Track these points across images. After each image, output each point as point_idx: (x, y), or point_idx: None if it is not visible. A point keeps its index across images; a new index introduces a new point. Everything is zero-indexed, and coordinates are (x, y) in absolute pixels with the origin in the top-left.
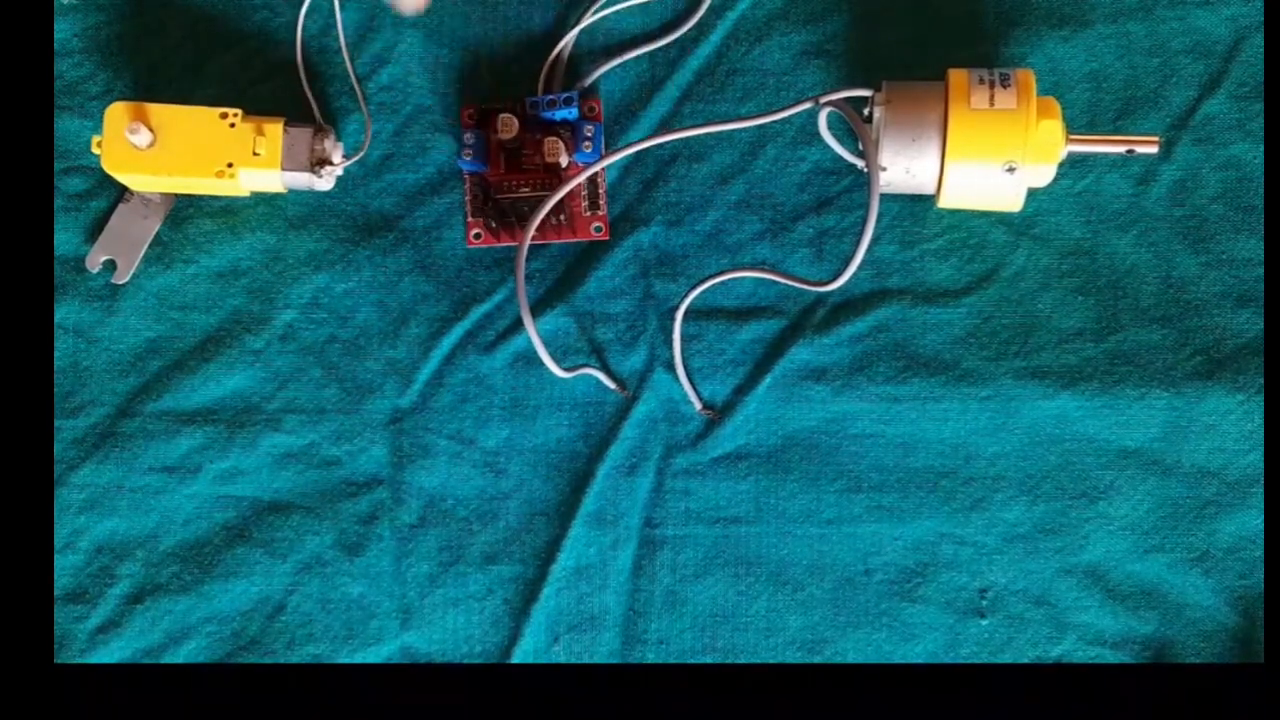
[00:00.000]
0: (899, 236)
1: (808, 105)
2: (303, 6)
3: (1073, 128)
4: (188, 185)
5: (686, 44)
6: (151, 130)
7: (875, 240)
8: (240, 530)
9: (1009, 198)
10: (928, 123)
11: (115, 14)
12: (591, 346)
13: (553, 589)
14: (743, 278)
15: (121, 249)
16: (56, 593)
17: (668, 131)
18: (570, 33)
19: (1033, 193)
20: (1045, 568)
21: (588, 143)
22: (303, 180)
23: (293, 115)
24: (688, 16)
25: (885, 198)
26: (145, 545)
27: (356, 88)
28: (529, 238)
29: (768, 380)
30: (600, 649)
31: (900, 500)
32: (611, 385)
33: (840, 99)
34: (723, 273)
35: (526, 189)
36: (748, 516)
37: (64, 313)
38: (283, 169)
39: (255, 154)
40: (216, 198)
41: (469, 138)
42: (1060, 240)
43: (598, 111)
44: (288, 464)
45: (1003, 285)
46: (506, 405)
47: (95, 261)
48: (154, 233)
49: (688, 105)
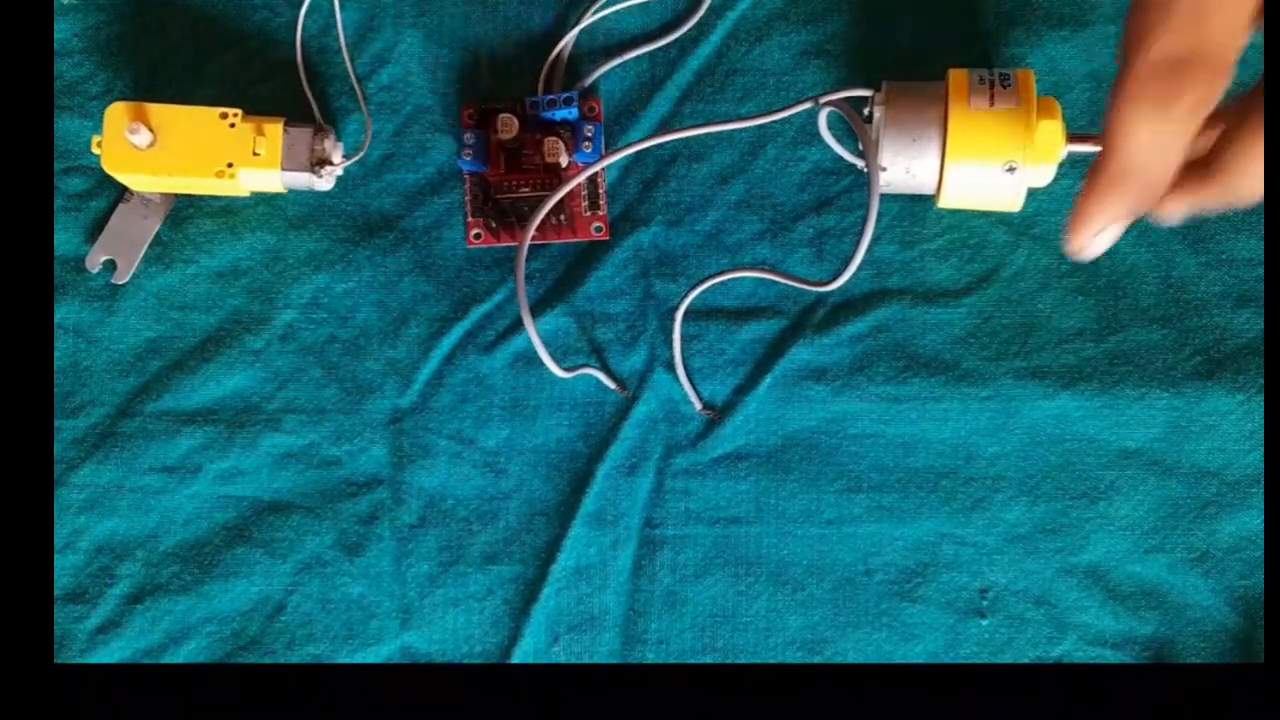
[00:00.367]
0: (899, 236)
1: (808, 105)
2: (303, 6)
3: (1073, 128)
4: (188, 185)
5: (686, 44)
6: (151, 130)
7: (875, 240)
8: (240, 530)
9: (1009, 198)
10: (928, 123)
11: (115, 14)
12: (591, 346)
13: (553, 589)
14: (742, 278)
15: (121, 249)
16: (56, 593)
17: (668, 131)
18: (570, 33)
19: (1033, 193)
20: (1046, 568)
21: (588, 143)
22: (303, 180)
23: (293, 115)
24: (688, 16)
25: (885, 198)
26: (145, 545)
27: (356, 88)
28: (529, 238)
29: (768, 380)
30: (600, 649)
31: (900, 500)
32: (612, 385)
33: (840, 99)
34: (723, 273)
35: (526, 189)
36: (748, 516)
37: (64, 313)
38: (283, 169)
39: (255, 154)
40: (216, 198)
41: (469, 138)
42: (1060, 240)
43: (598, 111)
44: (288, 464)
45: (1003, 285)
46: (506, 405)
47: (95, 261)
48: (154, 233)
49: (688, 105)
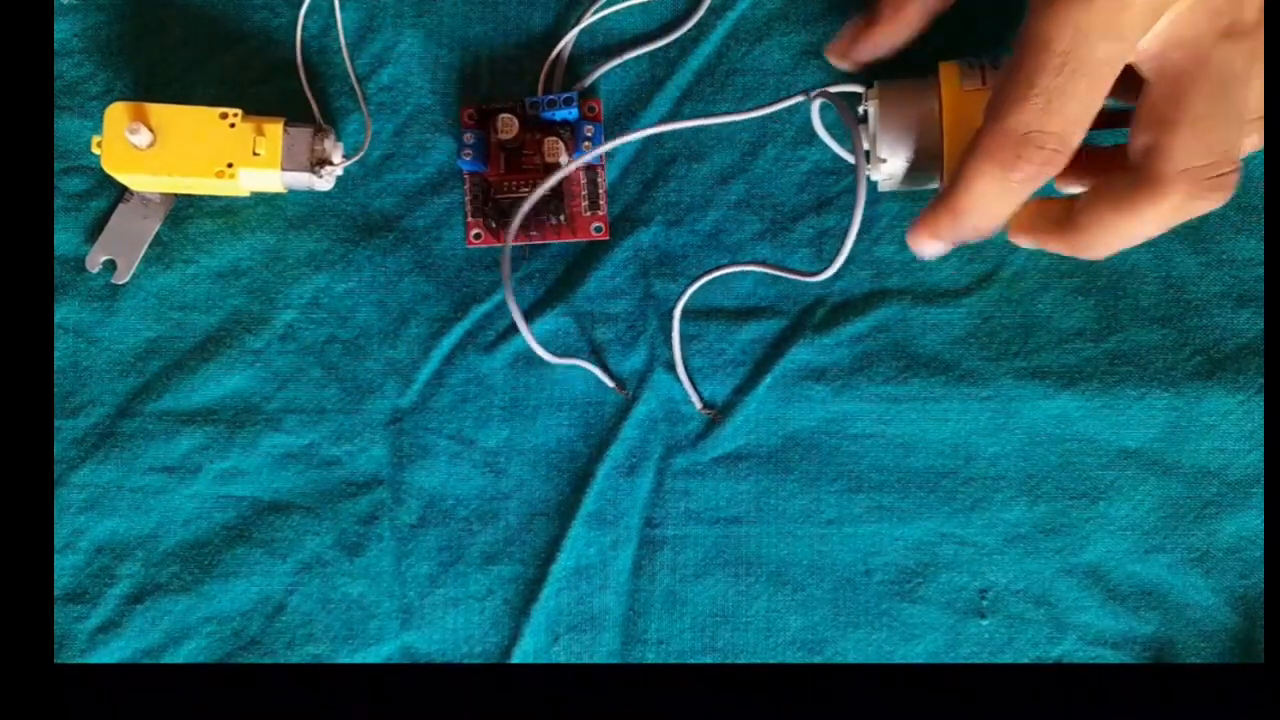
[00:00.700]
0: (899, 236)
1: (799, 99)
2: (303, 6)
3: None
4: (188, 185)
5: (686, 44)
6: (151, 130)
7: (875, 240)
8: (240, 530)
9: None
10: (924, 110)
11: (115, 14)
12: (591, 346)
13: (553, 589)
14: (740, 274)
15: (121, 249)
16: (56, 593)
17: (661, 124)
18: (570, 33)
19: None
20: (1045, 568)
21: (588, 143)
22: (303, 180)
23: (293, 115)
24: (688, 16)
25: (886, 197)
26: (145, 545)
27: (356, 88)
28: (512, 235)
29: (768, 380)
30: (600, 649)
31: (900, 500)
32: (610, 383)
33: (831, 91)
34: (718, 268)
35: (526, 189)
36: (748, 516)
37: (64, 313)
38: (283, 169)
39: (255, 154)
40: (216, 198)
41: (469, 138)
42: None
43: (598, 111)
44: (288, 464)
45: (1003, 285)
46: (506, 405)
47: (95, 261)
48: (154, 233)
49: (688, 105)
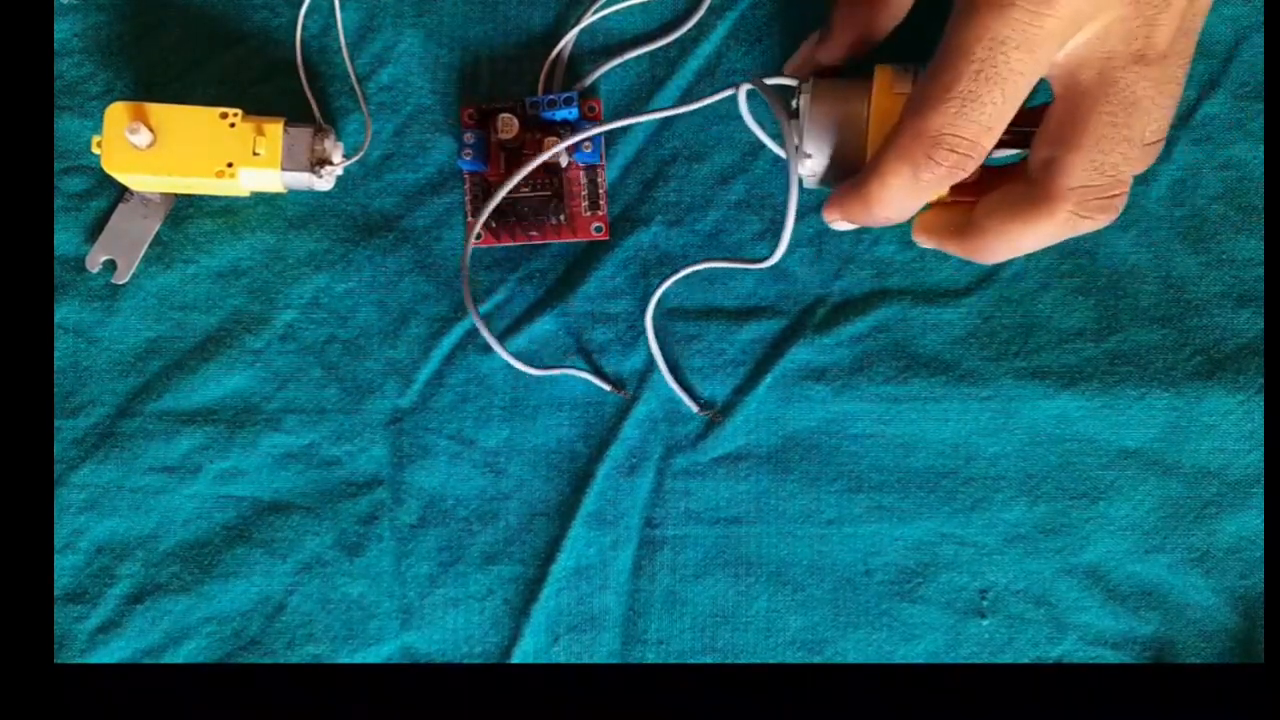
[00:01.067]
0: (899, 236)
1: (730, 92)
2: (303, 6)
3: None
4: (188, 185)
5: (686, 44)
6: (151, 130)
7: (875, 241)
8: (240, 530)
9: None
10: (852, 109)
11: (115, 14)
12: (592, 346)
13: (553, 589)
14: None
15: (121, 249)
16: (56, 593)
17: (617, 119)
18: (570, 33)
19: None
20: (1045, 568)
21: (588, 143)
22: (303, 180)
23: (293, 115)
24: (688, 16)
25: None
26: (145, 545)
27: (356, 88)
28: (479, 226)
29: (768, 380)
30: (600, 649)
31: (900, 500)
32: (605, 387)
33: (765, 81)
34: (668, 278)
35: (526, 189)
36: (748, 516)
37: (64, 313)
38: (283, 169)
39: (255, 154)
40: (216, 198)
41: (469, 138)
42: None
43: (598, 111)
44: (288, 464)
45: (1003, 285)
46: (506, 405)
47: (95, 261)
48: (154, 233)
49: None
